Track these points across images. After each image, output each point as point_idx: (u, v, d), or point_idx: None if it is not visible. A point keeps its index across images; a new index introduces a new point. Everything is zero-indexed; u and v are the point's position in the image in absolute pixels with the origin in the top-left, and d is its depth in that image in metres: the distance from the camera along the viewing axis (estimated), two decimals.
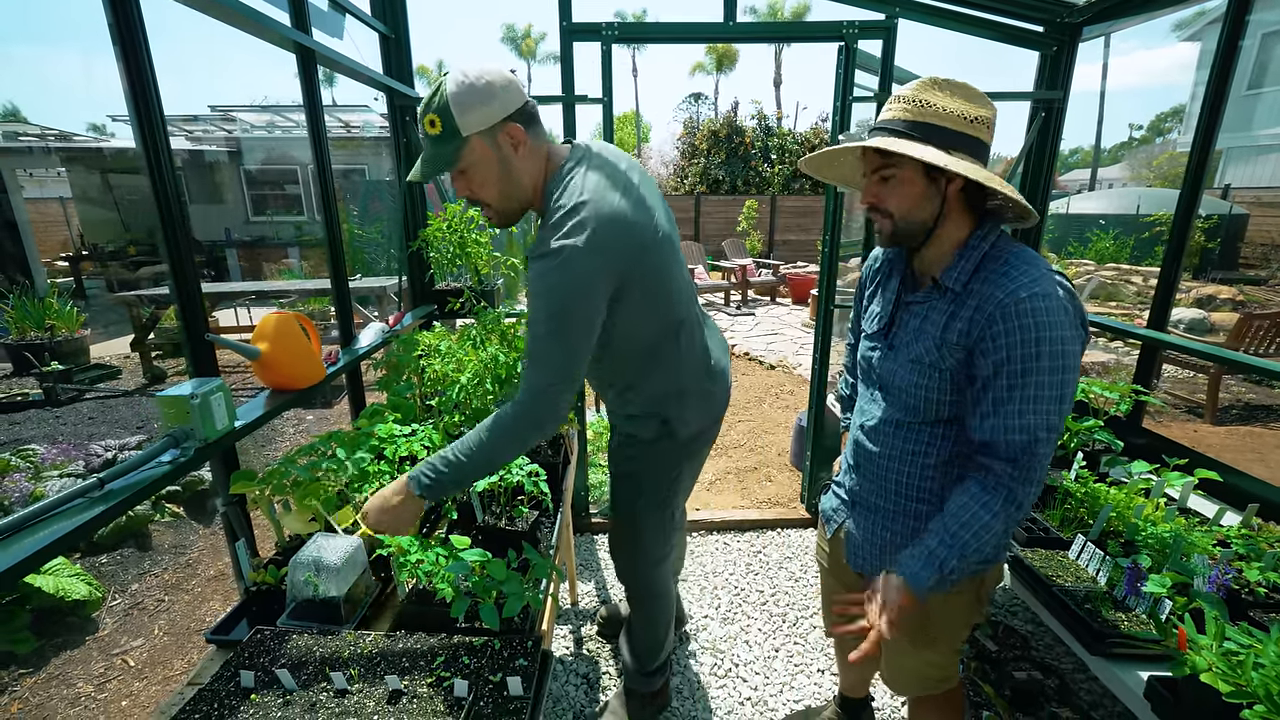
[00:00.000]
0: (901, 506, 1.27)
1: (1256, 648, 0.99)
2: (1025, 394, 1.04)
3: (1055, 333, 1.02)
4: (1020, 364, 1.04)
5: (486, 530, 1.49)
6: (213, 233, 11.65)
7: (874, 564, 1.34)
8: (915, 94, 1.09)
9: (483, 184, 1.24)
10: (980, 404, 1.09)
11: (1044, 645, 2.23)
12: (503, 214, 1.30)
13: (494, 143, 1.20)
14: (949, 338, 1.12)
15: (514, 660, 1.13)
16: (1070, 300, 1.06)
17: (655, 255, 1.30)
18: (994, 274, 1.08)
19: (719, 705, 2.05)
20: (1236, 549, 1.42)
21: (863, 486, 1.34)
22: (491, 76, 1.16)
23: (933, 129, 1.07)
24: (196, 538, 3.20)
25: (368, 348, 2.11)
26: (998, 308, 1.05)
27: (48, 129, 11.11)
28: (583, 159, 1.27)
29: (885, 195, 1.13)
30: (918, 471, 1.23)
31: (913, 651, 1.34)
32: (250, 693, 1.05)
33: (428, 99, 1.17)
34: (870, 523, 1.33)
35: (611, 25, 2.44)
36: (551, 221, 1.19)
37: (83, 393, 5.49)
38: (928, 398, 1.17)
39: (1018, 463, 1.06)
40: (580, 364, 1.25)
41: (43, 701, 2.16)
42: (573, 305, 1.18)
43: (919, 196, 1.11)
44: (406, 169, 2.62)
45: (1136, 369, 2.39)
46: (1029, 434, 1.05)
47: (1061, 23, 2.64)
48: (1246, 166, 15.65)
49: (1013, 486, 1.07)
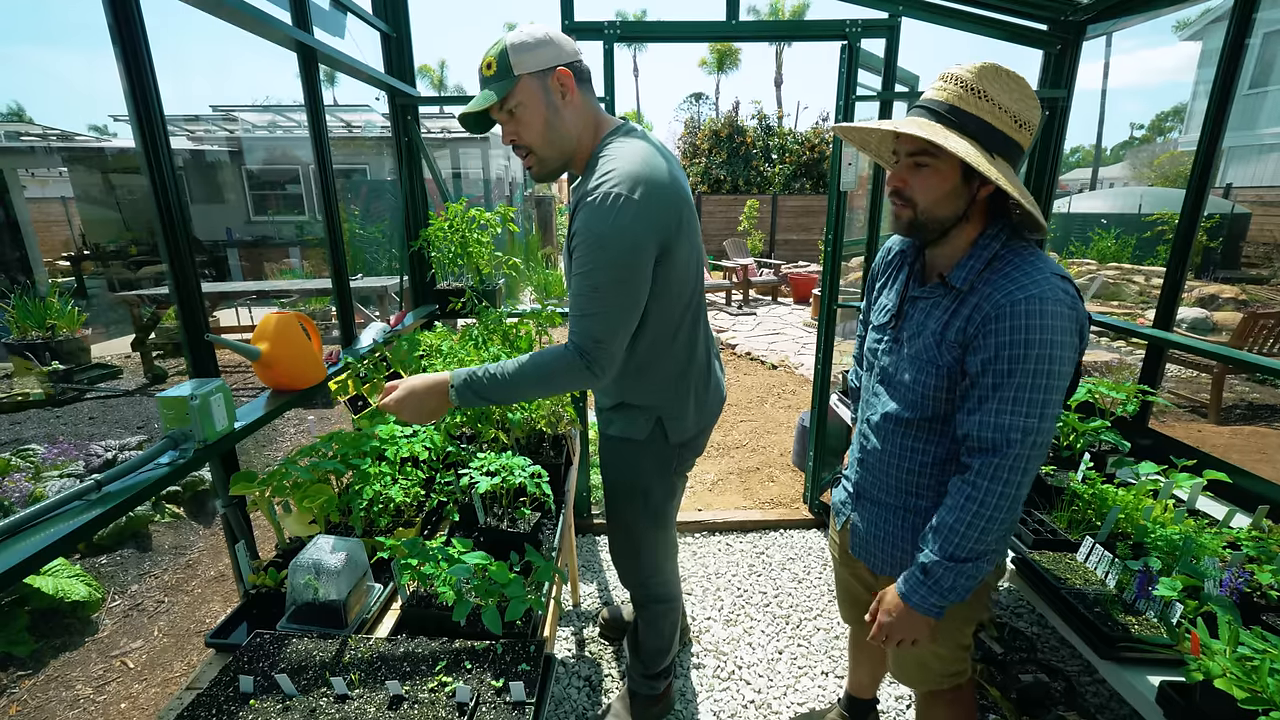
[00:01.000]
0: (901, 501, 1.27)
1: (1271, 653, 0.98)
2: (1005, 394, 1.04)
3: (1046, 336, 1.01)
4: (1006, 364, 1.03)
5: (489, 532, 1.48)
6: (214, 232, 11.65)
7: (875, 556, 1.36)
8: (974, 80, 1.04)
9: (529, 126, 1.27)
10: (967, 400, 1.10)
11: (1050, 647, 2.22)
12: (544, 162, 1.33)
13: (544, 86, 1.25)
14: (949, 335, 1.12)
15: (516, 665, 1.11)
16: (1072, 307, 1.04)
17: (687, 233, 1.34)
18: (999, 275, 1.07)
19: (722, 709, 2.03)
20: (1248, 551, 1.40)
21: (866, 480, 1.34)
22: (551, 31, 1.26)
23: (983, 125, 1.04)
24: (197, 538, 3.19)
25: (369, 348, 2.09)
26: (994, 307, 1.04)
27: (50, 129, 11.10)
28: (630, 131, 1.34)
29: (914, 183, 1.10)
30: (916, 468, 1.23)
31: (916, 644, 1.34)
32: (249, 698, 1.04)
33: (489, 49, 1.26)
34: (873, 516, 1.34)
35: (613, 24, 2.42)
36: (604, 172, 1.22)
37: (83, 393, 5.49)
38: (925, 394, 1.17)
39: (987, 460, 1.06)
40: (632, 321, 1.28)
41: (41, 704, 2.15)
42: (628, 257, 1.21)
43: (948, 193, 1.09)
44: (408, 168, 2.61)
45: (1142, 368, 2.37)
46: (1002, 433, 1.04)
47: (1065, 21, 2.63)
48: (1249, 166, 15.61)
49: (977, 483, 1.07)
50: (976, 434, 1.07)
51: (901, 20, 2.50)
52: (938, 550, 1.10)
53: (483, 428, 1.76)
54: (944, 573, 1.10)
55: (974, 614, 1.32)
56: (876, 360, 1.30)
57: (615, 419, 1.56)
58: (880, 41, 2.54)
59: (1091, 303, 9.23)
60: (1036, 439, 1.04)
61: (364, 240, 9.70)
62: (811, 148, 14.79)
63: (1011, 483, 1.05)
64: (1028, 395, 1.02)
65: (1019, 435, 1.03)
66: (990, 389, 1.05)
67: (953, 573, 1.09)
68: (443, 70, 40.87)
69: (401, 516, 1.56)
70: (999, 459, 1.04)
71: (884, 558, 1.33)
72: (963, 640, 1.35)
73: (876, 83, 2.64)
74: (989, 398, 1.06)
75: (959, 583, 1.10)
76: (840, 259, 2.82)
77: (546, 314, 2.06)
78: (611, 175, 1.20)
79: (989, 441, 1.06)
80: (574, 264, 1.24)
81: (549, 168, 1.34)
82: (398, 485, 1.47)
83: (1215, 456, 1.92)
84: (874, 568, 1.37)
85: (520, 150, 1.32)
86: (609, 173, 1.21)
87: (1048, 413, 1.03)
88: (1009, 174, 1.04)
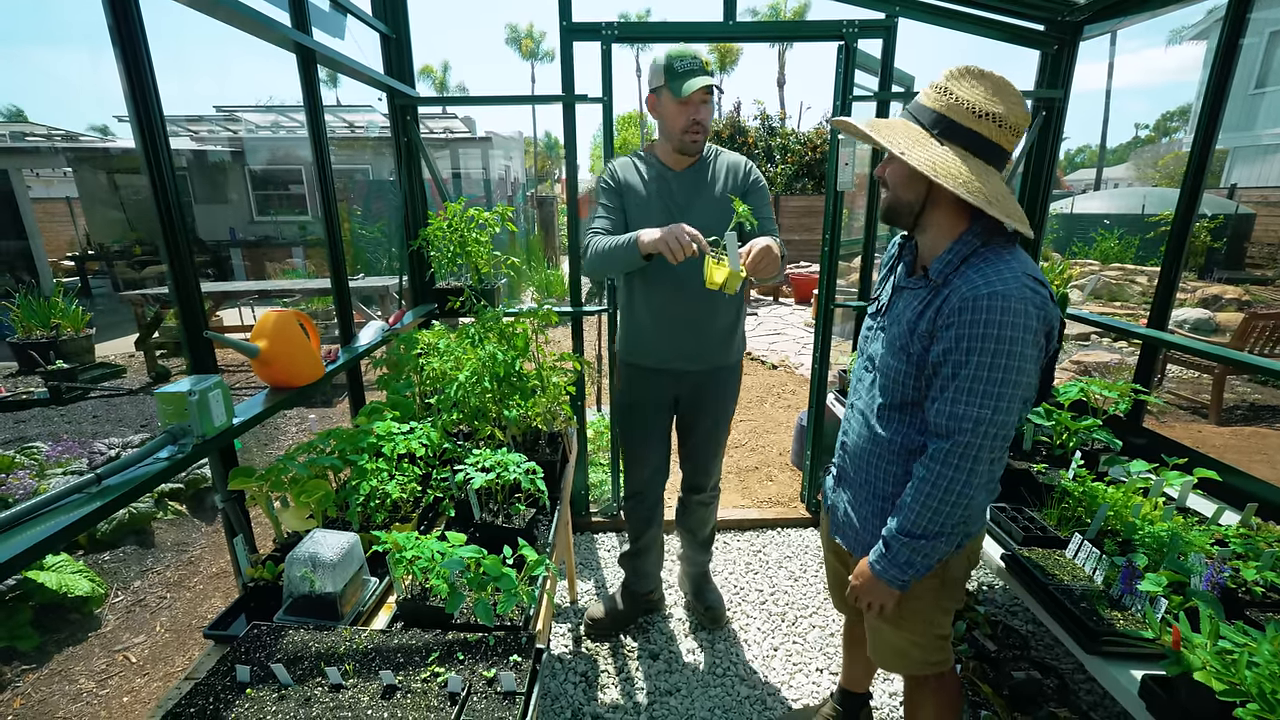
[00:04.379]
0: (872, 485, 1.33)
1: (1251, 646, 0.99)
2: (960, 385, 1.10)
3: (1004, 332, 1.05)
4: (964, 355, 1.08)
5: (484, 528, 1.49)
6: (218, 232, 11.71)
7: (850, 537, 1.42)
8: (943, 80, 1.12)
9: (710, 115, 1.86)
10: (931, 389, 1.17)
11: (1044, 645, 2.23)
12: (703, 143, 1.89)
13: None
14: (920, 325, 1.17)
15: (508, 656, 1.13)
16: (1039, 306, 1.08)
17: None
18: (971, 270, 1.12)
19: (717, 704, 2.05)
20: (1234, 548, 1.41)
21: (846, 462, 1.42)
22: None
23: (940, 118, 1.11)
24: (199, 535, 3.21)
25: (367, 346, 2.12)
26: (960, 300, 1.09)
27: (54, 129, 11.16)
28: None
29: (887, 169, 1.21)
30: (885, 453, 1.29)
31: (892, 631, 1.39)
32: (245, 687, 1.06)
33: (698, 51, 1.81)
34: (850, 497, 1.41)
35: (611, 25, 2.44)
36: (734, 154, 1.99)
37: (87, 391, 5.53)
38: (895, 379, 1.24)
39: (939, 445, 1.13)
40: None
41: (45, 697, 2.18)
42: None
43: (905, 177, 1.17)
44: (407, 168, 2.63)
45: (1137, 368, 2.38)
46: (955, 421, 1.10)
47: (1062, 21, 2.63)
48: (1253, 166, 15.55)
49: (930, 466, 1.14)
50: (934, 420, 1.14)
51: (898, 21, 2.51)
52: (896, 526, 1.20)
53: (479, 425, 1.78)
54: (900, 547, 1.19)
55: (947, 603, 1.37)
56: (866, 347, 1.37)
57: (740, 347, 2.14)
58: (877, 42, 2.55)
59: (1092, 303, 9.22)
60: (989, 429, 1.09)
61: (365, 240, 9.74)
62: (814, 148, 14.74)
63: (962, 469, 1.11)
64: (982, 387, 1.08)
65: (970, 425, 1.09)
66: (949, 378, 1.12)
67: (908, 548, 1.18)
68: (445, 71, 41.00)
69: (398, 512, 1.58)
70: (950, 445, 1.11)
71: (857, 539, 1.39)
72: (939, 630, 1.39)
73: (874, 83, 2.65)
74: (947, 387, 1.12)
75: (915, 559, 1.19)
76: (838, 259, 2.83)
77: (543, 313, 2.08)
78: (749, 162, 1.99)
79: (943, 428, 1.13)
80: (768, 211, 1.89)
81: (703, 147, 1.91)
82: (394, 481, 1.49)
83: (1209, 455, 1.92)
84: (849, 548, 1.44)
85: (698, 127, 1.82)
86: (746, 162, 1.98)
87: (1001, 405, 1.08)
88: (944, 159, 1.08)
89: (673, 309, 1.97)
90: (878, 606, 1.28)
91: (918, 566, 1.20)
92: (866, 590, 1.28)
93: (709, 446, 2.21)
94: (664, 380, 2.08)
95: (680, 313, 1.97)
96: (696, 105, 1.81)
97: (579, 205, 2.83)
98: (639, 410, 2.16)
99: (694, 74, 1.77)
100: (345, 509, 1.47)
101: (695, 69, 1.77)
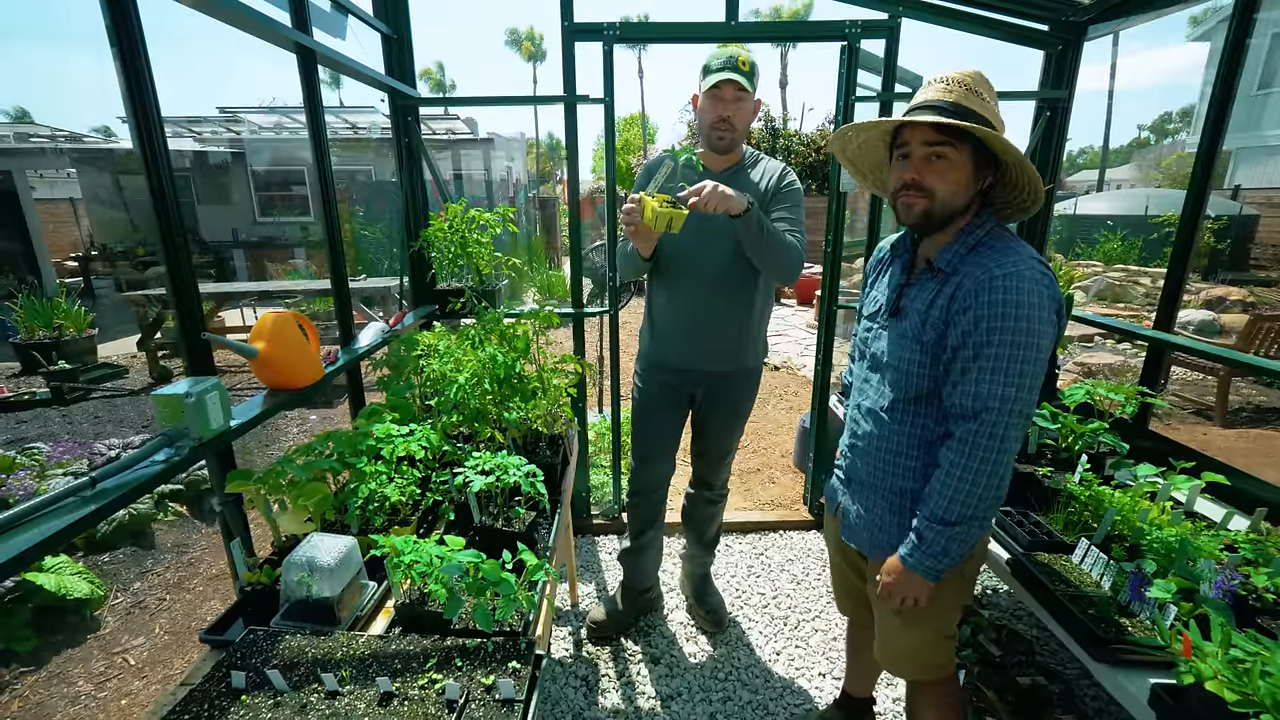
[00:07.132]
0: (889, 484, 1.32)
1: (1263, 655, 0.97)
2: (983, 364, 1.10)
3: (1023, 311, 1.07)
4: (985, 335, 1.10)
5: (483, 531, 1.48)
6: (220, 233, 11.71)
7: (867, 540, 1.40)
8: (973, 83, 1.14)
9: (744, 113, 1.85)
10: (951, 374, 1.17)
11: (1049, 650, 2.20)
12: (734, 141, 1.88)
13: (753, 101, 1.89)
14: (933, 313, 1.18)
15: (507, 662, 1.12)
16: (1049, 286, 1.11)
17: None
18: (981, 256, 1.15)
19: (719, 708, 2.03)
20: (1244, 554, 1.39)
21: (856, 465, 1.40)
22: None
23: (985, 121, 1.12)
24: (199, 537, 3.20)
25: (367, 347, 2.10)
26: (974, 283, 1.11)
27: (58, 130, 11.19)
28: None
29: (930, 175, 1.15)
30: (902, 449, 1.29)
31: (904, 631, 1.38)
32: (241, 694, 1.05)
33: (741, 54, 1.79)
34: (863, 500, 1.39)
35: (613, 25, 2.43)
36: (778, 161, 1.99)
37: (89, 392, 5.53)
38: (910, 370, 1.23)
39: (967, 427, 1.13)
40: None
41: (43, 700, 2.16)
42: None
43: (964, 182, 1.15)
44: (408, 169, 2.62)
45: (1143, 370, 2.36)
46: (981, 401, 1.11)
47: (1066, 21, 2.61)
48: (1257, 167, 15.50)
49: (959, 449, 1.14)
50: (959, 403, 1.14)
51: (901, 21, 2.49)
52: (928, 514, 1.18)
53: (479, 427, 1.76)
54: (935, 536, 1.18)
55: (958, 599, 1.37)
56: (868, 349, 1.37)
57: (762, 352, 2.14)
58: (880, 42, 2.54)
59: (1095, 304, 9.18)
60: (1014, 406, 1.09)
61: (367, 241, 9.73)
62: (817, 149, 14.73)
63: (991, 448, 1.11)
64: (1005, 365, 1.08)
65: (997, 403, 1.09)
66: (970, 359, 1.12)
67: (944, 536, 1.17)
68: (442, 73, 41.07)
69: (397, 515, 1.56)
70: (978, 425, 1.11)
71: (873, 541, 1.38)
72: (947, 630, 1.39)
73: (877, 83, 2.64)
74: (969, 368, 1.12)
75: (950, 546, 1.18)
76: (840, 260, 2.81)
77: (544, 314, 2.06)
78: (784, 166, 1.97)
79: (969, 409, 1.13)
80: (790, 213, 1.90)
81: (733, 145, 1.88)
82: (394, 484, 1.48)
83: (1216, 459, 1.90)
84: (865, 551, 1.42)
85: (724, 124, 1.82)
86: (781, 164, 1.98)
87: (1025, 382, 1.09)
88: (1033, 168, 1.14)
89: (693, 309, 1.98)
90: (911, 600, 1.26)
91: (953, 554, 1.19)
92: (899, 586, 1.26)
93: (721, 446, 2.22)
94: (683, 379, 2.09)
95: (701, 313, 1.98)
96: (726, 102, 1.81)
97: (580, 206, 2.82)
98: (655, 408, 2.16)
99: (724, 70, 1.79)
100: (344, 512, 1.46)
101: (727, 65, 1.79)
